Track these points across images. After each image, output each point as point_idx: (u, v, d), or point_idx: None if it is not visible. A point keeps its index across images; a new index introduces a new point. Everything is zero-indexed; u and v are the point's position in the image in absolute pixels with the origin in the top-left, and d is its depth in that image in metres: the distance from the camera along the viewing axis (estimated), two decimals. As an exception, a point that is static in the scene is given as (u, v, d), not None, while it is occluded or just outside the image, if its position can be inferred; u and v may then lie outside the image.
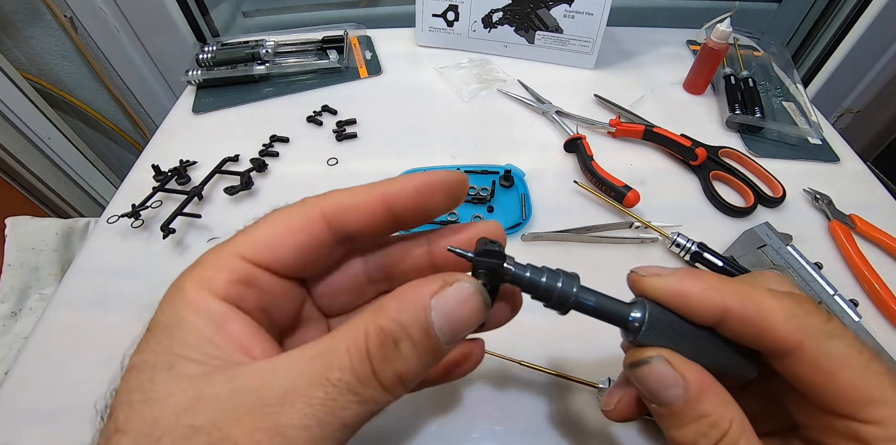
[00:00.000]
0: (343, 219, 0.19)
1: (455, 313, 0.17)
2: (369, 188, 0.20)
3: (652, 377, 0.19)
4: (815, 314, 0.18)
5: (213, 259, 0.19)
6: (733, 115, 0.57)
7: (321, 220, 0.19)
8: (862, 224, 0.47)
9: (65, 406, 0.35)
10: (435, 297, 0.17)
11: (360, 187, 0.20)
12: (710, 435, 0.18)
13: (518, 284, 0.19)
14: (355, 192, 0.20)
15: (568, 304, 0.20)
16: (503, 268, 0.19)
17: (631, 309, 0.20)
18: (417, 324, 0.16)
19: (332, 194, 0.20)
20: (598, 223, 0.46)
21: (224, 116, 0.60)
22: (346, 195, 0.20)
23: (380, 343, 0.16)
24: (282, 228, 0.19)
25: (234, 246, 0.19)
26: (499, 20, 0.66)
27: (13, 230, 0.67)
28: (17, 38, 0.85)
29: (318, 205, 0.20)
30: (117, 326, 0.40)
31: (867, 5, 0.72)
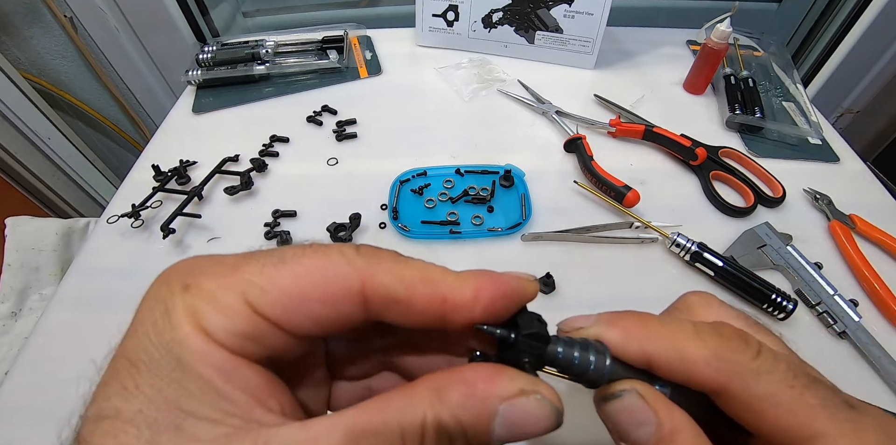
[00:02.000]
0: (384, 309, 0.16)
1: (520, 426, 0.15)
2: (429, 281, 0.16)
3: (623, 413, 0.17)
4: (740, 352, 0.17)
5: (215, 289, 0.15)
6: (733, 115, 0.57)
7: (358, 296, 0.15)
8: (862, 224, 0.47)
9: (65, 406, 0.35)
10: (506, 404, 0.15)
11: (414, 273, 0.16)
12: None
13: (559, 367, 0.18)
14: (409, 280, 0.16)
15: (602, 381, 0.18)
16: (547, 352, 0.17)
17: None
18: (478, 429, 0.14)
19: (382, 265, 0.16)
20: (598, 223, 0.46)
21: (224, 116, 0.60)
22: (398, 281, 0.16)
23: (437, 438, 0.14)
24: (309, 287, 0.15)
25: (244, 283, 0.15)
26: (499, 20, 0.66)
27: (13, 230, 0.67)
28: (17, 38, 0.85)
29: (363, 273, 0.15)
30: (117, 326, 0.40)
31: (867, 5, 0.72)
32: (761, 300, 0.40)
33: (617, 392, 0.18)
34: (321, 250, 0.16)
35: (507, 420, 0.15)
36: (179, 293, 0.15)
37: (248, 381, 0.15)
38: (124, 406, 0.13)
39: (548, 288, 0.41)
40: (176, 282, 0.15)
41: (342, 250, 0.16)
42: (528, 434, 0.15)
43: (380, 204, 0.49)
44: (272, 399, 0.15)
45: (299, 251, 0.16)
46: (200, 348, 0.14)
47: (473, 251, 0.45)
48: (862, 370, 0.38)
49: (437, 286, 0.16)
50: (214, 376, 0.14)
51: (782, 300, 0.40)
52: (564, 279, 0.42)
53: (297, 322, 0.15)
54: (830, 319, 0.40)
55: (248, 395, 0.14)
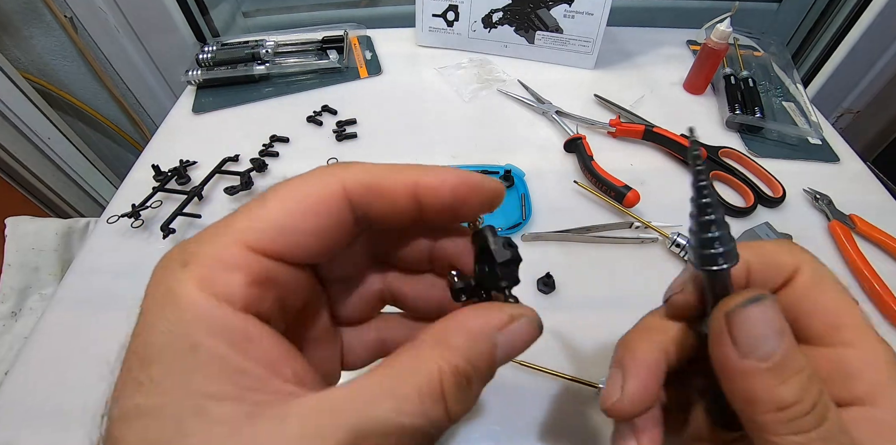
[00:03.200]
0: (366, 200, 0.16)
1: (516, 347, 0.17)
2: (399, 171, 0.17)
3: (763, 320, 0.16)
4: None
5: (216, 252, 0.15)
6: (733, 115, 0.57)
7: (343, 197, 0.16)
8: (862, 224, 0.47)
9: (65, 406, 0.35)
10: (501, 332, 0.16)
11: (385, 167, 0.17)
12: (812, 390, 0.16)
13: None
14: (382, 172, 0.17)
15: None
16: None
17: None
18: (486, 361, 0.16)
19: (354, 167, 0.17)
20: (598, 223, 0.46)
21: (224, 116, 0.60)
22: (371, 174, 0.16)
23: (456, 384, 0.15)
24: (297, 205, 0.16)
25: (238, 232, 0.15)
26: (499, 20, 0.66)
27: (13, 230, 0.67)
28: (17, 38, 0.85)
29: (340, 176, 0.16)
30: (117, 326, 0.40)
31: (867, 5, 0.72)
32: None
33: (757, 295, 0.17)
34: (296, 176, 0.16)
35: (505, 346, 0.16)
36: (180, 271, 0.14)
37: (262, 350, 0.14)
38: (145, 402, 0.13)
39: (548, 288, 0.41)
40: (174, 263, 0.15)
41: (314, 169, 0.17)
42: (520, 351, 0.17)
43: (380, 204, 0.49)
44: (287, 367, 0.15)
45: (277, 185, 0.16)
46: (213, 319, 0.14)
47: (473, 251, 0.45)
48: (862, 370, 0.38)
49: (406, 173, 0.17)
50: (228, 350, 0.14)
51: None
52: (564, 279, 0.42)
53: (298, 245, 0.16)
54: (830, 319, 0.40)
55: (263, 366, 0.14)
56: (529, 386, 0.35)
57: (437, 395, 0.14)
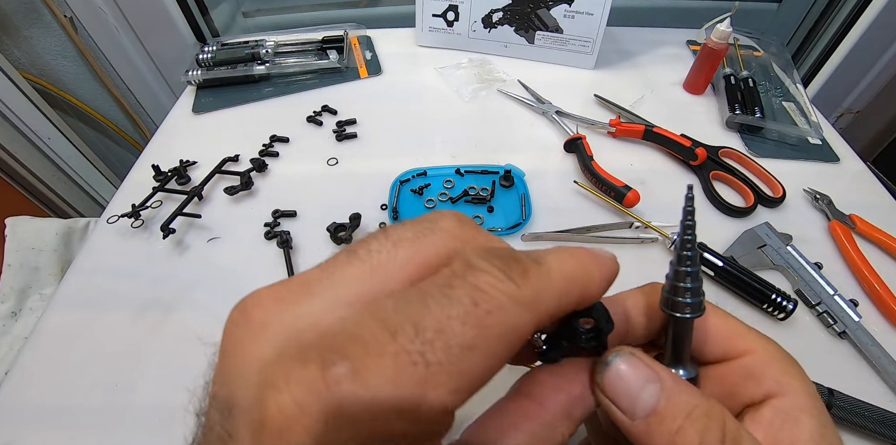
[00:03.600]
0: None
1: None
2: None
3: (625, 377, 0.16)
4: None
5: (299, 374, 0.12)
6: (733, 115, 0.57)
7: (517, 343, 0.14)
8: (862, 224, 0.47)
9: (65, 406, 0.35)
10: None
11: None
12: (713, 426, 0.15)
13: None
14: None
15: None
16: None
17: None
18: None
19: (478, 235, 0.16)
20: (598, 223, 0.46)
21: (224, 116, 0.60)
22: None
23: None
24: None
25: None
26: (499, 20, 0.66)
27: (13, 230, 0.67)
28: (17, 38, 0.85)
29: (563, 275, 0.15)
30: (117, 326, 0.40)
31: (867, 5, 0.72)
32: (761, 301, 0.40)
33: (610, 356, 0.17)
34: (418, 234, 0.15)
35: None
36: (266, 387, 0.12)
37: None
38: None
39: (548, 288, 0.41)
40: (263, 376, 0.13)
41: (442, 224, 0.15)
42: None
43: (380, 204, 0.49)
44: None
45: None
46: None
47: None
48: (862, 370, 0.38)
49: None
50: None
51: (782, 300, 0.40)
52: (564, 279, 0.42)
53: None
54: (830, 319, 0.40)
55: None
56: (529, 386, 0.35)
57: None
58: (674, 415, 0.16)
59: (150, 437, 0.34)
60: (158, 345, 0.38)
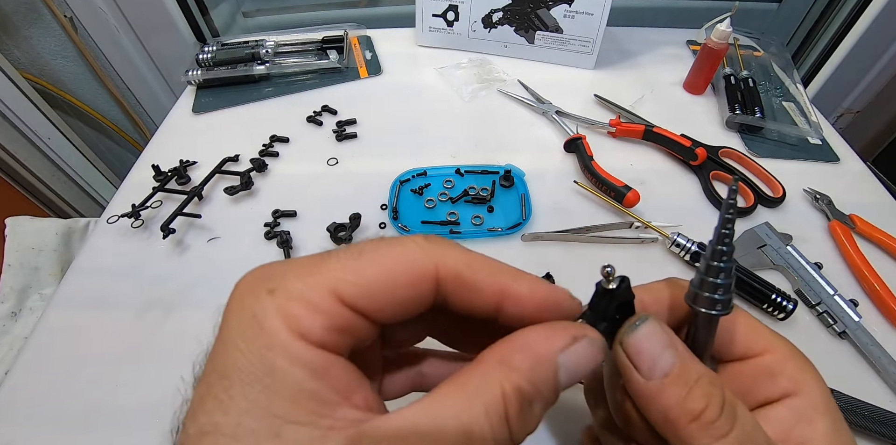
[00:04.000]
0: (452, 289, 0.17)
1: (580, 369, 0.17)
2: (492, 272, 0.17)
3: (649, 340, 0.18)
4: None
5: (302, 289, 0.15)
6: (733, 115, 0.57)
7: (433, 277, 0.17)
8: (862, 224, 0.47)
9: (65, 406, 0.35)
10: (563, 354, 0.16)
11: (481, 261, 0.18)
12: (716, 394, 0.17)
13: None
14: (477, 266, 0.17)
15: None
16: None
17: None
18: (549, 384, 0.16)
19: (453, 251, 0.17)
20: (598, 223, 0.46)
21: (224, 116, 0.60)
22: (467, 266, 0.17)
23: (519, 407, 0.15)
24: (392, 273, 0.16)
25: (330, 279, 0.16)
26: (499, 20, 0.66)
27: (13, 230, 0.67)
28: (17, 38, 0.85)
29: (436, 257, 0.17)
30: (117, 326, 0.40)
31: (867, 5, 0.72)
32: (761, 301, 0.40)
33: (637, 321, 0.18)
34: (395, 241, 0.17)
35: (568, 368, 0.16)
36: (267, 298, 0.15)
37: (336, 379, 0.15)
38: (223, 420, 0.14)
39: (548, 288, 0.41)
40: (260, 288, 0.16)
41: (414, 240, 0.17)
42: (584, 373, 0.17)
43: (380, 204, 0.49)
44: (357, 395, 0.15)
45: (375, 244, 0.17)
46: (294, 350, 0.14)
47: (473, 251, 0.45)
48: (862, 370, 0.38)
49: (499, 276, 0.17)
50: (305, 377, 0.14)
51: (782, 300, 0.40)
52: (564, 279, 0.42)
53: (382, 308, 0.16)
54: (830, 319, 0.40)
55: (335, 393, 0.15)
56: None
57: (502, 417, 0.15)
58: (685, 379, 0.17)
59: (150, 437, 0.34)
60: (158, 345, 0.38)
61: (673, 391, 0.17)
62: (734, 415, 0.17)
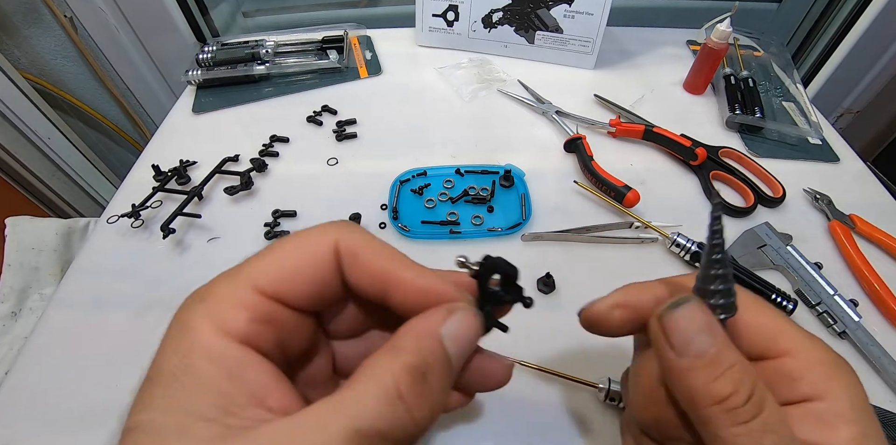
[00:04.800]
0: (348, 271, 0.19)
1: (463, 336, 0.18)
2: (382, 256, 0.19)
3: (689, 319, 0.18)
4: None
5: (227, 292, 0.17)
6: (733, 115, 0.57)
7: (333, 253, 0.18)
8: (862, 224, 0.47)
9: (64, 407, 0.35)
10: (444, 326, 0.17)
11: (376, 246, 0.19)
12: (746, 383, 0.17)
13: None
14: (370, 249, 0.19)
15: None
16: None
17: None
18: (437, 354, 0.17)
19: (352, 230, 0.19)
20: (598, 223, 0.46)
21: (224, 116, 0.60)
22: (362, 245, 0.19)
23: (412, 381, 0.16)
24: (297, 256, 0.18)
25: (248, 276, 0.17)
26: (499, 20, 0.66)
27: (13, 230, 0.67)
28: (17, 38, 0.85)
29: (335, 235, 0.19)
30: (117, 326, 0.40)
31: (867, 5, 0.72)
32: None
33: (684, 297, 0.18)
34: (302, 230, 0.19)
35: (452, 336, 0.17)
36: (197, 306, 0.17)
37: (251, 380, 0.16)
38: (143, 418, 0.15)
39: (548, 288, 0.41)
40: (193, 300, 0.17)
41: (319, 226, 0.19)
42: (471, 340, 0.18)
43: (380, 204, 0.49)
44: (272, 396, 0.16)
45: (285, 237, 0.19)
46: (214, 350, 0.16)
47: (473, 252, 0.45)
48: (862, 370, 0.38)
49: (388, 261, 0.19)
50: (220, 377, 0.15)
51: (782, 300, 0.40)
52: (564, 279, 0.42)
53: (298, 290, 0.18)
54: (830, 319, 0.40)
55: (248, 394, 0.16)
56: (529, 386, 0.35)
57: (393, 396, 0.15)
58: (718, 363, 0.17)
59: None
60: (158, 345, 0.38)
61: (703, 372, 0.17)
62: (761, 405, 0.17)
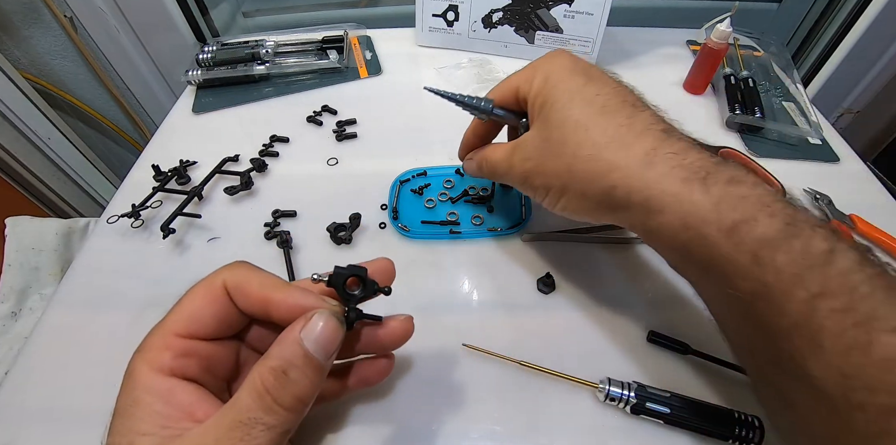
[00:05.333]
0: (237, 300, 0.24)
1: (321, 335, 0.22)
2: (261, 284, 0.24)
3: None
4: None
5: (156, 341, 0.23)
6: (733, 115, 0.57)
7: (223, 291, 0.24)
8: (862, 224, 0.47)
9: (65, 406, 0.35)
10: (302, 331, 0.22)
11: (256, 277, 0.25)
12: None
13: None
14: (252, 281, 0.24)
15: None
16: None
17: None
18: (297, 354, 0.22)
19: (237, 269, 0.25)
20: (597, 224, 0.46)
21: (224, 116, 0.60)
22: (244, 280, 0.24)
23: (273, 378, 0.21)
24: (200, 301, 0.24)
25: (168, 325, 0.24)
26: (499, 20, 0.66)
27: (13, 230, 0.67)
28: (17, 38, 0.85)
29: (223, 276, 0.25)
30: (117, 326, 0.40)
31: (867, 5, 0.72)
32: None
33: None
34: (202, 279, 0.25)
35: (310, 338, 0.22)
36: (136, 356, 0.24)
37: (181, 400, 0.22)
38: (109, 441, 0.22)
39: (548, 288, 0.41)
40: (135, 352, 0.24)
41: (214, 272, 0.25)
42: (329, 335, 0.22)
43: (380, 204, 0.49)
44: (200, 411, 0.22)
45: (191, 287, 0.25)
46: (149, 384, 0.22)
47: (473, 252, 0.45)
48: (862, 370, 0.38)
49: (266, 288, 0.24)
50: (156, 402, 0.22)
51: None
52: (564, 279, 0.42)
53: (205, 326, 0.24)
54: (830, 319, 0.40)
55: (181, 411, 0.22)
56: (529, 386, 0.35)
57: (261, 390, 0.21)
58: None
59: (150, 437, 0.34)
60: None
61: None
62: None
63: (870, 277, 0.20)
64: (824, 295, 0.20)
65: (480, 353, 0.36)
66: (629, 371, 0.36)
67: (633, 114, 0.29)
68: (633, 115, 0.29)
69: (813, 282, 0.21)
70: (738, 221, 0.23)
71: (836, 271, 0.21)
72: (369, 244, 0.45)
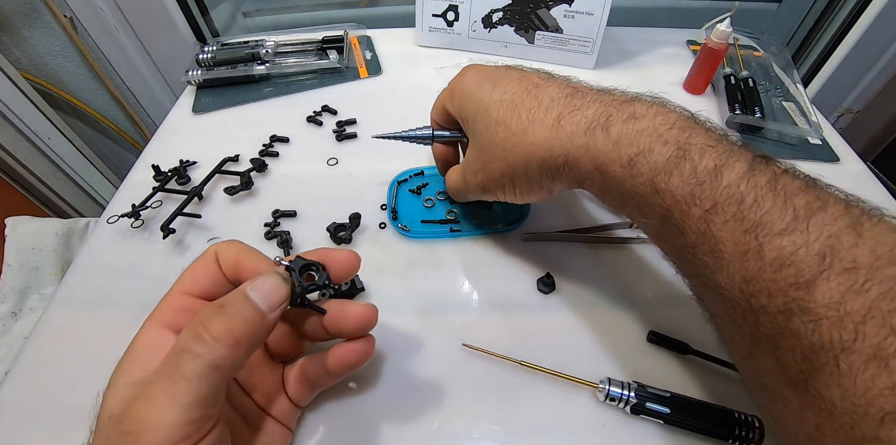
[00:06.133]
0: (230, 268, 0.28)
1: (261, 284, 0.24)
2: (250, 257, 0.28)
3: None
4: None
5: (163, 301, 0.27)
6: (733, 115, 0.57)
7: (215, 259, 0.28)
8: (862, 224, 0.47)
9: (65, 406, 0.35)
10: (248, 283, 0.24)
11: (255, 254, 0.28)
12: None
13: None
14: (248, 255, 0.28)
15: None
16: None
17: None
18: (236, 295, 0.24)
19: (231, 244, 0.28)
20: (598, 223, 0.46)
21: (224, 116, 0.60)
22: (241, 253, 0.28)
23: (208, 310, 0.23)
24: (197, 265, 0.28)
25: (174, 287, 0.28)
26: (499, 20, 0.66)
27: (13, 230, 0.67)
28: (17, 38, 0.85)
29: (215, 248, 0.28)
30: (117, 326, 0.39)
31: (867, 5, 0.72)
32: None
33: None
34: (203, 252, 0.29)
35: (253, 289, 0.24)
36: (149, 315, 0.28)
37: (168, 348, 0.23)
38: (111, 379, 0.25)
39: (548, 288, 0.41)
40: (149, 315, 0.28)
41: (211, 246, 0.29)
42: (271, 290, 0.24)
43: (380, 204, 0.49)
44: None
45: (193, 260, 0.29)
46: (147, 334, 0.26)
47: (473, 252, 0.45)
48: (862, 370, 0.38)
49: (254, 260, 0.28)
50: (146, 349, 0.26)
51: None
52: (564, 279, 0.42)
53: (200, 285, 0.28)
54: (830, 319, 0.40)
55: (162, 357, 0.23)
56: (529, 386, 0.35)
57: (195, 322, 0.23)
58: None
59: (150, 437, 0.34)
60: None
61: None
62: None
63: (756, 186, 0.22)
64: (715, 209, 0.23)
65: (480, 353, 0.36)
66: (629, 371, 0.36)
67: (538, 94, 0.32)
68: (539, 95, 0.31)
69: (705, 199, 0.23)
70: (633, 154, 0.26)
71: (723, 185, 0.23)
72: (369, 244, 0.45)
